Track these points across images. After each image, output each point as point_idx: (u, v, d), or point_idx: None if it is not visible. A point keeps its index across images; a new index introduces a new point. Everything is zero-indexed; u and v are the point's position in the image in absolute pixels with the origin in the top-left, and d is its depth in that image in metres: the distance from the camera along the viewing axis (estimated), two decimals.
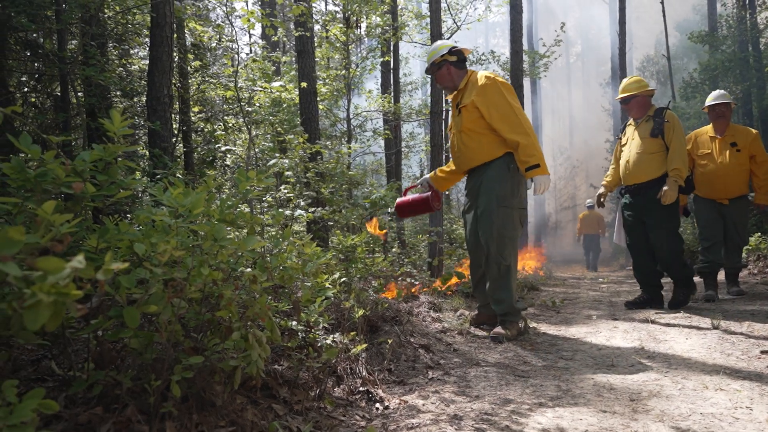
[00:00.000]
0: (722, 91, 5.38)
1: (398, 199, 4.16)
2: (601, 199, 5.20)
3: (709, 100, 5.36)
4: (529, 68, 14.97)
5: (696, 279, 5.32)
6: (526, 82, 15.27)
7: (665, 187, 4.46)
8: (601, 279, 9.59)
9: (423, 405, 2.31)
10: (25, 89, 6.67)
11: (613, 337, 3.68)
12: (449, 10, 12.64)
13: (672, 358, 3.04)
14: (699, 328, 3.80)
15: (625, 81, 4.96)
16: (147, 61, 7.49)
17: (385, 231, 4.32)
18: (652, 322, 4.11)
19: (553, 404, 2.30)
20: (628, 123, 5.03)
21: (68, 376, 1.78)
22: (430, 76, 4.12)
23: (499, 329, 3.61)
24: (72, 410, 1.49)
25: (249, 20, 4.58)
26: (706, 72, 13.33)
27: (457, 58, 3.86)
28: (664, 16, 13.00)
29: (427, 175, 4.28)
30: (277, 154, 5.26)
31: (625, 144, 4.95)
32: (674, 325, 3.96)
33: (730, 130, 5.27)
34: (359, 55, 11.03)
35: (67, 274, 0.89)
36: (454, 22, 12.64)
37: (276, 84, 5.23)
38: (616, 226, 5.19)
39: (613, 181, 5.16)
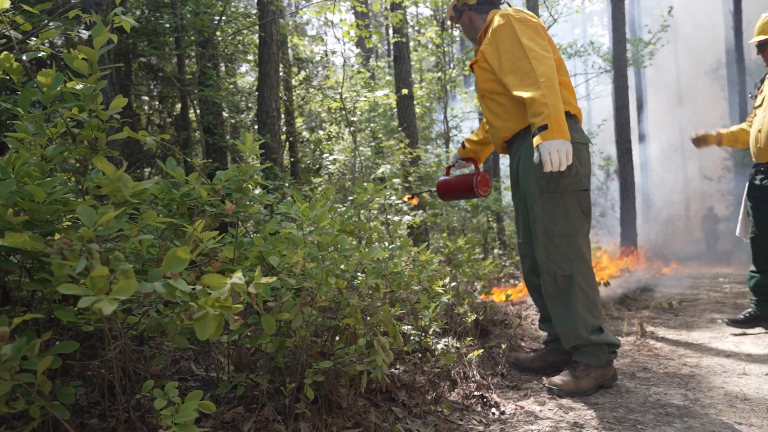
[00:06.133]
0: None
1: (440, 179, 3.25)
2: (696, 136, 3.93)
3: None
4: (632, 57, 14.22)
5: None
6: (630, 72, 14.50)
7: None
8: (722, 278, 8.93)
9: (540, 411, 2.28)
10: (147, 108, 7.30)
11: (743, 343, 3.43)
12: (545, 2, 12.28)
13: None
14: None
15: (763, 17, 3.67)
16: (249, 77, 7.94)
17: (417, 200, 3.59)
18: None
19: (680, 414, 2.20)
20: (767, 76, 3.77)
21: (209, 377, 1.95)
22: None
23: (559, 377, 2.55)
24: (218, 409, 1.63)
25: (349, 33, 4.73)
26: None
27: None
28: None
29: (456, 152, 3.37)
30: (378, 161, 5.39)
31: (760, 105, 3.65)
32: None
33: None
34: (454, 56, 11.02)
35: (227, 289, 0.98)
36: (551, 14, 12.28)
37: (379, 93, 5.36)
38: (741, 215, 3.94)
39: (729, 139, 3.93)
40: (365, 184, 1.92)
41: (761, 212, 3.71)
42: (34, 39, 1.57)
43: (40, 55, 1.45)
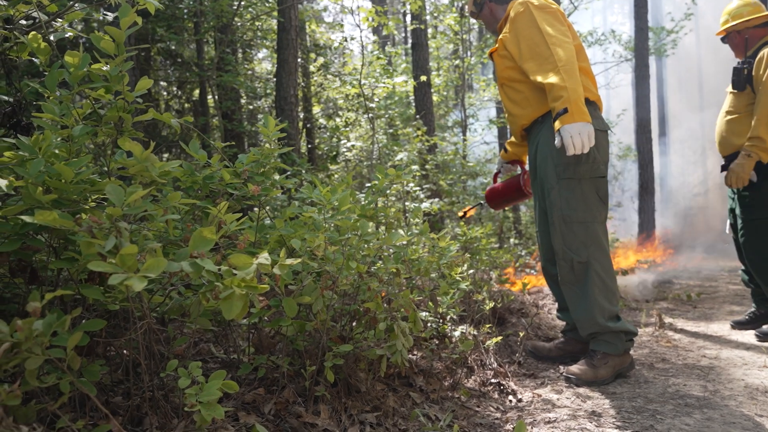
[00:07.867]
0: None
1: (488, 188, 3.27)
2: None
3: None
4: (654, 46, 13.97)
5: None
6: (651, 61, 14.25)
7: (732, 164, 3.19)
8: (741, 271, 8.80)
9: (557, 399, 2.27)
10: (165, 93, 7.33)
11: None
12: None
13: None
14: None
15: (727, 7, 3.40)
16: (266, 64, 7.93)
17: (471, 210, 3.60)
18: None
19: (699, 405, 2.18)
20: None
21: (229, 359, 1.97)
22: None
23: (576, 366, 2.54)
24: (239, 390, 1.65)
25: (368, 19, 4.70)
26: None
27: None
28: None
29: (500, 158, 3.32)
30: (395, 148, 5.37)
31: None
32: None
33: None
34: (472, 44, 10.91)
35: (253, 270, 0.99)
36: (571, 2, 12.10)
37: (399, 80, 5.33)
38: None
39: None
40: (386, 170, 1.92)
41: (730, 212, 3.60)
42: (60, 20, 1.58)
43: (67, 35, 1.46)
